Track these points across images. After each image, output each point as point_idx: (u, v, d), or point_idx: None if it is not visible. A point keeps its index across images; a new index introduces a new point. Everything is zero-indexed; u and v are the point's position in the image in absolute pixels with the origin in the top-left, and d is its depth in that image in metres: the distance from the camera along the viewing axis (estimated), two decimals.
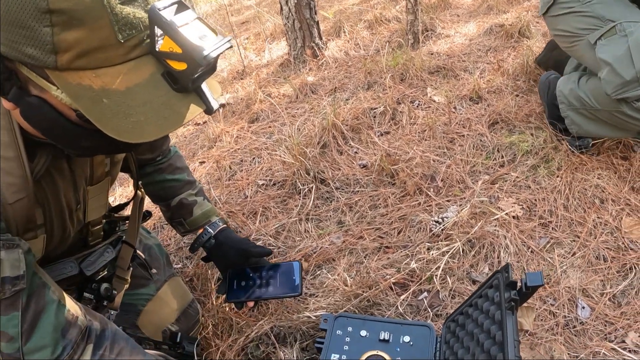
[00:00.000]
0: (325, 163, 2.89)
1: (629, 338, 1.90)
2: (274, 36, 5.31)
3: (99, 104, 1.01)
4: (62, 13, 0.95)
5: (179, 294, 2.11)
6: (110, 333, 1.33)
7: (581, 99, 2.55)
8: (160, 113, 1.07)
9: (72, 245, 1.67)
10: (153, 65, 1.08)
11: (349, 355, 1.80)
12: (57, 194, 1.44)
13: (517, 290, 1.46)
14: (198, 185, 2.13)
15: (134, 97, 1.04)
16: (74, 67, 1.00)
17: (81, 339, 1.24)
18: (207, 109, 1.15)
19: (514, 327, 1.41)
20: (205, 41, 1.07)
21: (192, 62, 1.05)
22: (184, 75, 1.07)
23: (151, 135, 1.06)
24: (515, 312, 1.45)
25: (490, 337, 1.50)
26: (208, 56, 1.05)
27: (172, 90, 1.09)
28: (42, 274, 1.27)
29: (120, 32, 1.01)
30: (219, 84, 1.27)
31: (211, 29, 1.13)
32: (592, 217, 2.34)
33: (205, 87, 1.15)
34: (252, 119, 3.71)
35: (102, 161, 1.60)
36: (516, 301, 1.45)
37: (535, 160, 2.68)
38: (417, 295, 2.15)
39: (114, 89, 1.02)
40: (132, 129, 1.03)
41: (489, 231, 2.30)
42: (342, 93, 3.65)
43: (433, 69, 3.67)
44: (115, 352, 1.30)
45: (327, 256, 2.38)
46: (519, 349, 1.36)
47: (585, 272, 2.15)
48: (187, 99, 1.12)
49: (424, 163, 2.74)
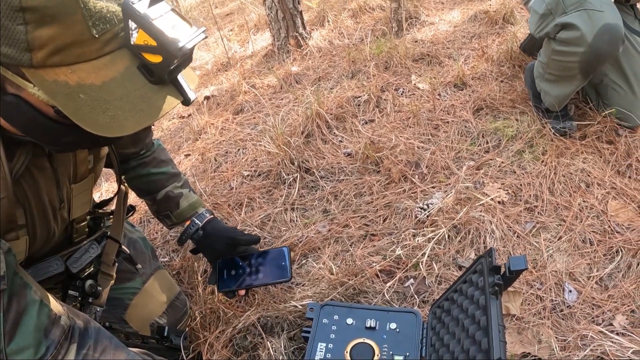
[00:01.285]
0: (309, 152, 2.88)
1: (616, 321, 1.90)
2: (258, 27, 5.29)
3: (75, 100, 1.01)
4: (35, 10, 0.94)
5: (166, 286, 2.11)
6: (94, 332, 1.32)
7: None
8: (137, 106, 1.07)
9: (57, 243, 1.66)
10: (128, 58, 1.07)
11: (335, 344, 1.79)
12: (39, 193, 1.42)
13: (501, 275, 1.46)
14: (183, 177, 2.12)
15: (111, 91, 1.04)
16: (49, 64, 0.99)
17: (64, 339, 1.23)
18: (184, 100, 1.16)
19: (498, 311, 1.41)
20: (180, 33, 1.07)
21: (167, 54, 1.05)
22: (159, 68, 1.07)
23: (129, 129, 1.06)
24: (499, 297, 1.44)
25: (475, 323, 1.50)
26: (183, 48, 1.05)
27: (148, 83, 1.09)
28: (23, 274, 1.25)
29: (94, 26, 1.00)
30: (195, 73, 1.26)
31: (186, 20, 1.13)
32: (578, 201, 2.35)
33: (182, 78, 1.14)
34: (236, 111, 3.69)
35: (85, 158, 1.58)
36: (500, 286, 1.44)
37: (520, 145, 2.68)
38: (403, 282, 2.14)
39: (90, 84, 1.02)
40: (110, 123, 1.03)
41: (474, 217, 2.30)
42: (326, 82, 3.63)
43: (417, 57, 3.66)
44: (99, 351, 1.29)
45: (313, 245, 2.37)
46: (504, 334, 1.36)
47: (571, 255, 2.16)
48: (164, 91, 1.12)
49: (409, 150, 2.73)
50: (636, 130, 2.68)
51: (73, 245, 1.73)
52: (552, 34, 2.46)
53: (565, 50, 2.44)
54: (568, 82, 2.59)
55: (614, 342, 1.82)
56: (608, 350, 1.79)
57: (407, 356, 1.73)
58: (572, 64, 2.45)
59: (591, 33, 2.28)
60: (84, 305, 1.71)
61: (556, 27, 2.41)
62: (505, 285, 1.47)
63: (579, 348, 1.84)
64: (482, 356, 1.39)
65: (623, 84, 2.63)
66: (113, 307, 1.94)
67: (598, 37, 2.28)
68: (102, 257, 1.81)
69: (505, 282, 1.45)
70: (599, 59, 2.37)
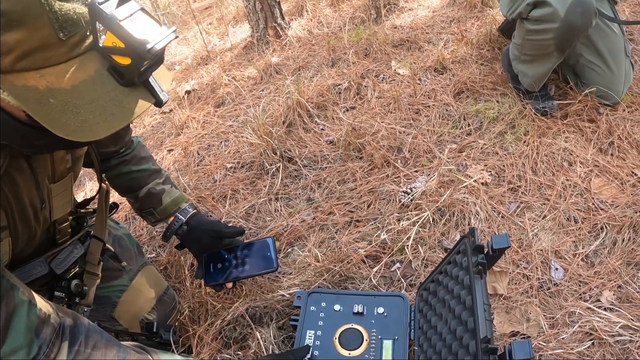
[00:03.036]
0: (291, 142, 2.88)
1: (603, 296, 1.92)
2: (237, 19, 5.27)
3: (45, 105, 0.99)
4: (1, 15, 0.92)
5: (153, 282, 2.11)
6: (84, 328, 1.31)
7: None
8: (108, 110, 1.05)
9: (40, 244, 1.65)
10: (98, 61, 1.05)
11: (324, 331, 1.80)
12: (19, 194, 1.41)
13: (485, 254, 1.46)
14: (164, 173, 2.11)
15: (81, 95, 1.03)
16: (17, 69, 0.97)
17: (56, 337, 1.22)
18: (156, 101, 1.14)
19: (483, 290, 1.41)
20: (149, 33, 1.06)
21: (135, 56, 1.03)
22: (129, 70, 1.05)
23: (100, 133, 1.04)
24: (484, 276, 1.45)
25: (460, 303, 1.51)
26: (152, 49, 1.04)
27: (119, 85, 1.07)
28: (9, 276, 1.24)
29: (61, 29, 0.98)
30: (169, 73, 1.25)
31: (155, 20, 1.11)
32: (561, 179, 2.36)
33: (154, 79, 1.13)
34: (218, 104, 3.68)
35: (63, 157, 1.57)
36: (484, 265, 1.45)
37: (502, 126, 2.69)
38: (389, 267, 2.15)
39: (60, 88, 1.01)
40: (81, 127, 1.02)
41: (458, 199, 2.30)
42: (306, 71, 3.62)
43: (397, 43, 3.65)
44: (90, 346, 1.28)
45: (298, 234, 2.38)
46: (490, 312, 1.37)
47: (556, 234, 2.17)
48: (135, 93, 1.10)
49: (390, 135, 2.73)
50: (617, 107, 2.69)
51: (57, 246, 1.72)
52: (524, 13, 2.47)
53: (539, 29, 2.44)
54: (544, 61, 2.61)
55: (602, 317, 1.84)
56: (596, 326, 1.81)
57: (396, 340, 1.74)
58: (547, 41, 2.46)
59: (563, 7, 2.29)
60: (71, 305, 1.71)
61: (528, 6, 2.42)
62: (489, 264, 1.48)
63: (567, 325, 1.85)
64: (469, 336, 1.40)
65: (599, 62, 2.64)
66: (102, 305, 1.94)
67: (571, 10, 2.29)
68: (86, 256, 1.80)
69: (488, 261, 1.46)
70: (574, 33, 2.38)
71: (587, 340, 1.80)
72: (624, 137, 2.52)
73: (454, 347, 1.46)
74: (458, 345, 1.44)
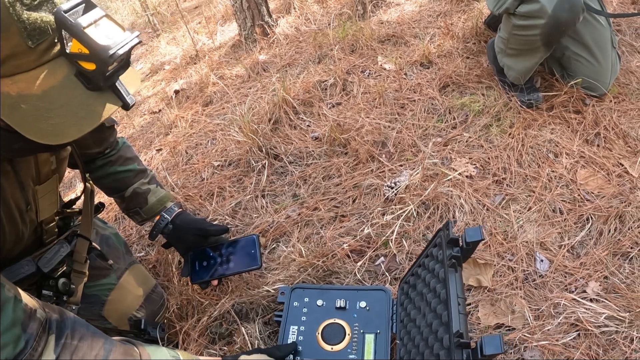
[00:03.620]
0: (277, 138, 2.87)
1: (589, 287, 1.92)
2: (225, 18, 5.26)
3: (17, 110, 1.03)
4: None
5: (141, 280, 2.12)
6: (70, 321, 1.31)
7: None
8: (78, 113, 1.09)
9: (28, 245, 1.66)
10: (66, 67, 1.09)
11: (307, 326, 1.81)
12: (4, 197, 1.42)
13: (460, 247, 1.46)
14: (150, 173, 2.13)
15: (51, 100, 1.06)
16: None
17: (42, 331, 1.22)
18: (123, 105, 1.18)
19: (457, 284, 1.41)
20: (112, 39, 1.09)
21: (99, 61, 1.07)
22: (95, 75, 1.09)
23: (71, 136, 1.08)
24: (458, 269, 1.45)
25: (436, 296, 1.51)
26: (114, 54, 1.07)
27: (87, 90, 1.11)
28: None
29: (30, 38, 1.02)
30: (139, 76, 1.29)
31: (119, 26, 1.15)
32: (546, 171, 2.36)
33: (120, 83, 1.17)
34: (206, 102, 3.68)
35: (47, 159, 1.58)
36: (458, 258, 1.45)
37: (488, 119, 2.69)
38: (374, 261, 2.15)
39: (31, 94, 1.04)
40: (53, 131, 1.06)
41: (442, 192, 2.30)
42: (293, 68, 3.62)
43: (383, 38, 3.64)
44: (77, 339, 1.28)
45: (284, 230, 2.38)
46: (464, 306, 1.37)
47: (542, 225, 2.17)
48: (103, 97, 1.14)
49: (375, 130, 2.73)
50: (603, 98, 2.69)
51: (44, 246, 1.73)
52: (511, 8, 2.46)
53: (526, 24, 2.44)
54: (530, 55, 2.61)
55: (587, 308, 1.84)
56: (582, 317, 1.81)
57: (378, 334, 1.75)
58: (533, 37, 2.46)
59: (551, 3, 2.29)
60: (59, 304, 1.72)
61: (515, 1, 2.42)
62: (464, 258, 1.48)
63: (552, 316, 1.85)
64: (444, 329, 1.40)
65: (586, 54, 2.64)
66: (90, 304, 1.95)
67: (558, 6, 2.29)
68: (73, 255, 1.81)
69: (463, 254, 1.46)
70: (561, 29, 2.38)
71: (573, 331, 1.80)
72: (611, 127, 2.52)
73: (430, 341, 1.46)
74: (434, 339, 1.45)
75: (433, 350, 1.42)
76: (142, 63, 5.26)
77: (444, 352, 1.36)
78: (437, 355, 1.39)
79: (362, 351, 1.71)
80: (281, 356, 1.65)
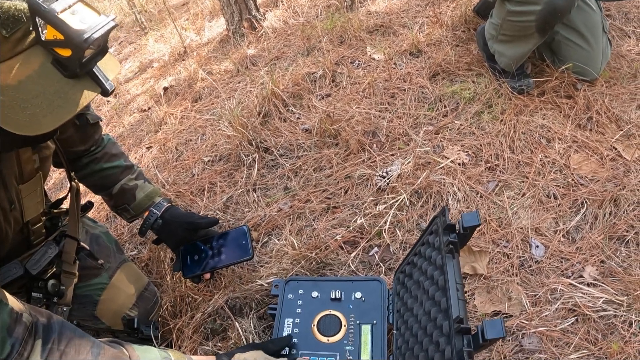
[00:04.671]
0: (267, 132, 2.85)
1: (586, 272, 1.91)
2: (212, 14, 5.24)
3: None
4: None
5: (133, 278, 2.11)
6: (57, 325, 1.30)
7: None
8: (54, 102, 1.08)
9: (15, 246, 1.65)
10: (42, 55, 1.08)
11: (302, 318, 1.80)
12: None
13: (457, 233, 1.45)
14: (137, 168, 2.11)
15: (27, 90, 1.05)
16: None
17: (28, 335, 1.21)
18: (102, 91, 1.17)
19: (455, 270, 1.40)
20: (87, 23, 1.08)
21: (75, 47, 1.06)
22: (71, 61, 1.08)
23: (49, 126, 1.07)
24: (456, 255, 1.44)
25: (434, 283, 1.50)
26: (89, 38, 1.06)
27: (63, 77, 1.10)
28: None
29: (3, 27, 1.01)
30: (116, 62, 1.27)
31: (94, 10, 1.13)
32: (539, 156, 2.35)
33: (99, 69, 1.16)
34: (195, 98, 3.66)
35: (29, 158, 1.57)
36: (455, 244, 1.43)
37: (479, 106, 2.67)
38: (367, 252, 2.14)
39: (6, 85, 1.03)
40: (30, 122, 1.04)
41: (435, 180, 2.29)
42: (282, 62, 3.60)
43: (372, 28, 3.62)
44: (64, 343, 1.27)
45: (276, 223, 2.36)
46: (463, 292, 1.35)
47: (536, 211, 2.16)
48: (80, 84, 1.13)
49: (365, 120, 2.72)
50: (594, 83, 2.68)
51: (32, 248, 1.72)
52: None
53: (521, 10, 2.41)
54: (524, 42, 2.58)
55: (584, 293, 1.84)
56: (579, 302, 1.80)
57: (375, 324, 1.74)
58: (528, 23, 2.43)
59: None
60: (49, 306, 1.72)
61: None
62: (461, 243, 1.47)
63: (549, 302, 1.85)
64: (443, 316, 1.39)
65: (577, 39, 2.62)
66: (83, 305, 1.94)
67: None
68: (62, 256, 1.80)
69: (460, 240, 1.45)
70: (556, 16, 2.36)
71: (571, 316, 1.80)
72: (603, 111, 2.51)
73: (429, 329, 1.45)
74: (433, 327, 1.44)
75: (432, 338, 1.41)
76: (131, 62, 5.23)
77: (443, 339, 1.34)
78: (436, 342, 1.38)
79: (358, 342, 1.70)
80: (276, 350, 1.63)
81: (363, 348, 1.68)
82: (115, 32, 6.45)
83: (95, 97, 1.16)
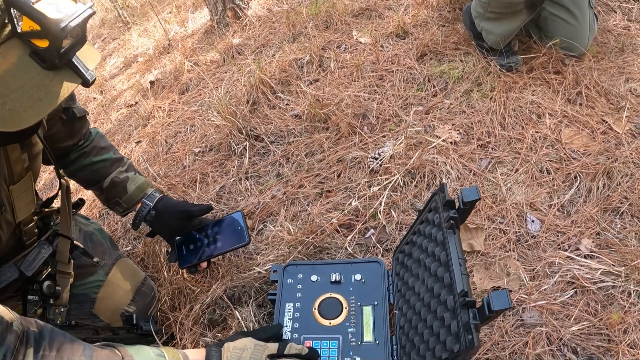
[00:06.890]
0: (256, 119, 2.84)
1: (582, 245, 1.92)
2: (196, 5, 5.21)
3: None
4: None
5: (130, 274, 2.10)
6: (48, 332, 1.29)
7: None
8: (35, 96, 1.07)
9: (8, 248, 1.63)
10: (19, 47, 1.06)
11: (303, 302, 1.79)
12: None
13: (456, 209, 1.45)
14: (127, 161, 2.09)
15: (6, 84, 1.04)
16: None
17: (20, 344, 1.19)
18: (82, 81, 1.15)
19: (457, 245, 1.40)
20: (64, 12, 1.06)
21: (52, 37, 1.04)
22: (49, 52, 1.07)
23: (29, 121, 1.06)
24: (456, 231, 1.44)
25: (436, 260, 1.50)
26: (66, 27, 1.05)
27: (42, 69, 1.08)
28: None
29: None
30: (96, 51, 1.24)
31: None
32: (531, 132, 2.35)
33: (78, 59, 1.14)
34: (182, 90, 3.64)
35: (19, 158, 1.55)
36: (455, 219, 1.44)
37: (468, 85, 2.67)
38: (364, 234, 2.14)
39: None
40: (10, 117, 1.03)
41: (427, 160, 2.29)
42: (268, 49, 3.58)
43: (357, 12, 3.61)
44: (55, 349, 1.26)
45: (270, 210, 2.36)
46: (465, 267, 1.36)
47: (530, 186, 2.16)
48: (60, 75, 1.11)
49: (355, 103, 2.71)
50: (582, 58, 2.69)
51: (25, 249, 1.70)
52: None
53: None
54: (512, 19, 2.57)
55: (582, 265, 1.85)
56: (577, 274, 1.81)
57: (376, 305, 1.74)
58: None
59: None
60: (46, 307, 1.70)
61: None
62: (461, 219, 1.47)
63: (548, 276, 1.86)
64: (447, 291, 1.39)
65: (564, 14, 2.62)
66: (80, 304, 1.93)
67: None
68: (56, 255, 1.78)
69: (460, 215, 1.45)
70: None
71: (570, 289, 1.81)
72: (592, 86, 2.51)
73: (432, 305, 1.45)
74: (437, 303, 1.44)
75: (437, 314, 1.41)
76: (115, 57, 5.20)
77: (448, 314, 1.34)
78: (441, 318, 1.38)
79: (360, 323, 1.69)
80: (266, 337, 1.62)
81: (365, 329, 1.67)
82: (98, 29, 6.42)
83: (76, 88, 1.15)
